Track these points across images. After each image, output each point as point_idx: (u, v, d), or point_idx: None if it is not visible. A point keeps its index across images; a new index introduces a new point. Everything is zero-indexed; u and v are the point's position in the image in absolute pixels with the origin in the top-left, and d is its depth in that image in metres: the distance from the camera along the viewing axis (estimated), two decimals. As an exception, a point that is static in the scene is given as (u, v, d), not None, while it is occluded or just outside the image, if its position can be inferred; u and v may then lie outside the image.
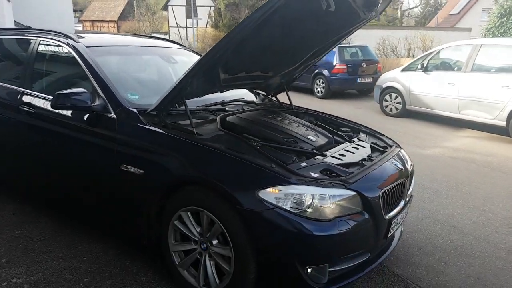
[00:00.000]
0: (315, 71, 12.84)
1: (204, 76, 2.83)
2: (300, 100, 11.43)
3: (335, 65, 12.56)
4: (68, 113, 3.10)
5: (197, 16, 32.62)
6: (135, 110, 2.85)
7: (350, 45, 14.60)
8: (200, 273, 2.55)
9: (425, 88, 9.05)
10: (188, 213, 2.55)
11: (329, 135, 3.23)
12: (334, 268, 2.37)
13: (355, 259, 2.47)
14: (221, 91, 3.33)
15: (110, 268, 2.92)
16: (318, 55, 3.74)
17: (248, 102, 3.80)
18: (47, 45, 3.61)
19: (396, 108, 9.76)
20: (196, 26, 31.67)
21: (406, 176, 2.85)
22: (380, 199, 2.47)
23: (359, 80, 12.72)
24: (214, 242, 2.47)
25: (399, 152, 3.17)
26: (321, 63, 12.81)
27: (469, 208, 4.37)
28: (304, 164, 2.55)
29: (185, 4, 37.89)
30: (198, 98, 3.19)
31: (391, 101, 9.86)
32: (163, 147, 2.67)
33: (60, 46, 3.45)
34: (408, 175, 2.91)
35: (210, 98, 3.38)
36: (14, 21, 14.52)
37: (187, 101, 2.90)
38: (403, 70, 9.78)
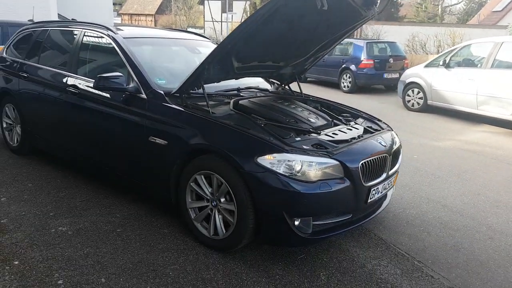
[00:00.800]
0: (342, 66, 13.19)
1: (219, 64, 3.38)
2: (326, 94, 11.85)
3: (362, 60, 12.82)
4: (106, 93, 3.71)
5: (232, 11, 33.23)
6: (161, 92, 3.43)
7: (379, 40, 14.86)
8: (211, 225, 3.11)
9: (446, 84, 9.29)
10: (202, 176, 3.10)
11: (328, 118, 3.71)
12: (317, 222, 2.88)
13: (337, 217, 2.98)
14: (236, 78, 3.87)
15: (138, 222, 3.52)
16: (326, 48, 4.21)
17: (262, 90, 4.31)
18: (90, 36, 4.24)
19: (418, 103, 10.03)
20: (230, 21, 32.28)
21: (388, 152, 3.30)
22: (360, 169, 2.96)
23: (385, 75, 12.96)
24: (222, 200, 3.02)
25: (388, 133, 3.63)
26: (348, 58, 13.19)
27: (464, 192, 4.75)
28: (298, 139, 3.07)
29: (221, -1, 38.53)
30: (217, 84, 3.74)
31: (413, 96, 10.13)
32: (183, 123, 3.23)
33: (102, 37, 4.07)
34: (391, 153, 3.36)
35: (228, 84, 3.93)
36: (58, 14, 15.49)
37: (207, 86, 3.47)
38: (426, 66, 10.04)
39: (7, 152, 5.16)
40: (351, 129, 3.51)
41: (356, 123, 3.76)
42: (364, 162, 3.01)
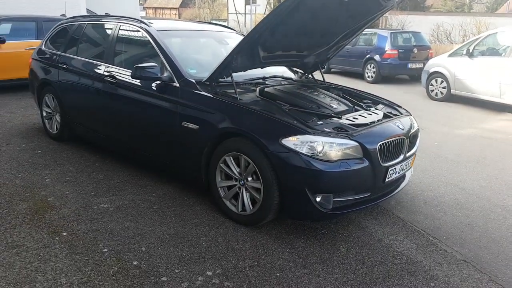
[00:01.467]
0: (367, 56, 13.26)
1: (246, 53, 3.63)
2: (350, 84, 11.78)
3: (386, 50, 12.86)
4: (142, 82, 4.00)
5: (255, 3, 33.30)
6: (193, 81, 3.70)
7: (403, 30, 14.83)
8: (239, 202, 3.38)
9: (469, 73, 9.32)
10: (231, 157, 3.37)
11: (350, 104, 3.92)
12: (338, 199, 3.12)
13: (356, 195, 3.21)
14: (262, 67, 4.11)
15: (172, 200, 3.82)
16: (348, 37, 4.40)
17: (286, 78, 4.55)
18: (126, 29, 4.54)
19: (441, 93, 10.08)
20: (254, 13, 32.39)
21: (406, 135, 3.50)
22: (378, 150, 3.17)
23: (410, 65, 12.97)
24: (249, 178, 3.29)
25: (407, 118, 3.82)
26: (372, 48, 13.25)
27: (482, 176, 4.90)
28: (320, 122, 3.30)
29: (245, -9, 38.63)
30: (243, 73, 3.99)
31: (437, 85, 10.18)
32: (213, 108, 3.50)
33: (136, 30, 4.37)
34: (409, 136, 3.55)
35: (254, 73, 4.17)
36: (86, 8, 15.96)
37: (234, 75, 3.73)
38: (449, 55, 10.07)
39: (47, 139, 5.54)
40: (371, 114, 3.72)
41: (377, 109, 3.95)
42: (382, 144, 3.23)
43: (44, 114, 5.62)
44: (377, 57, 13.00)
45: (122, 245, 3.06)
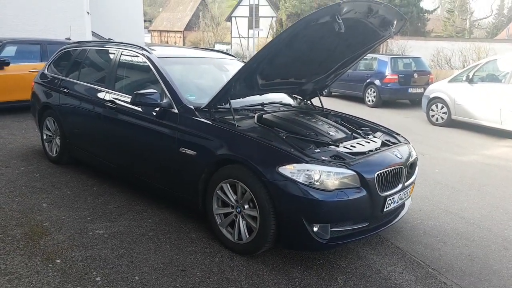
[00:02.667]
0: (367, 81, 13.35)
1: (245, 81, 3.65)
2: (350, 108, 12.02)
3: (387, 75, 12.96)
4: (141, 108, 4.02)
5: (258, 27, 33.80)
6: (192, 107, 3.71)
7: (403, 56, 14.96)
8: (235, 231, 3.35)
9: (469, 99, 9.35)
10: (227, 184, 3.35)
11: (348, 131, 3.92)
12: (335, 229, 3.08)
13: (354, 225, 3.17)
14: (260, 94, 4.13)
15: (168, 227, 3.78)
16: (346, 65, 4.44)
17: (285, 105, 4.56)
18: (127, 55, 4.58)
19: (442, 118, 10.09)
20: (257, 37, 32.85)
21: (404, 164, 3.48)
22: (376, 179, 3.15)
23: (410, 90, 13.04)
24: (246, 206, 3.26)
25: (405, 146, 3.81)
26: (373, 73, 13.36)
27: (483, 204, 4.85)
28: (317, 150, 3.29)
29: (248, 15, 39.32)
30: (242, 99, 4.01)
31: (437, 111, 10.20)
32: (211, 135, 3.50)
33: (137, 56, 4.41)
34: (407, 165, 3.53)
35: (253, 100, 4.19)
36: (92, 31, 16.20)
37: (233, 101, 3.74)
38: (449, 81, 10.12)
39: (46, 162, 5.54)
40: (369, 142, 3.71)
41: (375, 137, 3.95)
42: (380, 173, 3.20)
43: (45, 137, 5.63)
44: (377, 82, 13.08)
45: (115, 274, 3.01)
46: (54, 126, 5.38)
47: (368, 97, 13.44)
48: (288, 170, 3.02)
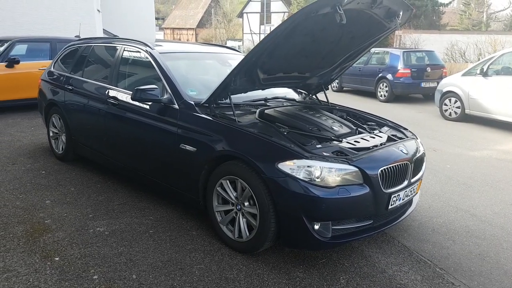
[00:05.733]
0: (379, 75, 13.15)
1: (245, 75, 3.57)
2: (362, 103, 11.87)
3: (399, 69, 12.74)
4: (143, 104, 3.97)
5: (270, 23, 33.64)
6: (192, 103, 3.64)
7: (416, 49, 14.70)
8: (235, 228, 3.27)
9: (484, 92, 9.12)
10: (227, 181, 3.28)
11: (352, 126, 3.81)
12: (337, 227, 2.98)
13: (358, 222, 3.07)
14: (262, 89, 4.04)
15: (169, 224, 3.73)
16: (352, 58, 4.32)
17: (289, 100, 4.46)
18: (130, 51, 4.54)
19: (455, 113, 9.87)
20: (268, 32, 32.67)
21: (410, 160, 3.36)
22: (379, 176, 3.04)
23: (423, 84, 12.81)
24: (246, 204, 3.18)
25: (412, 141, 3.68)
26: (385, 67, 13.14)
27: (495, 201, 4.70)
28: (319, 146, 3.19)
29: (260, 11, 39.17)
30: (245, 94, 3.93)
31: (450, 105, 9.98)
32: (211, 131, 3.42)
33: (140, 52, 4.35)
34: (413, 161, 3.41)
35: (256, 95, 4.11)
36: (103, 29, 16.27)
37: (235, 96, 3.67)
38: (463, 75, 9.88)
39: (53, 159, 5.54)
40: (374, 137, 3.60)
41: (381, 132, 3.83)
42: (384, 169, 3.09)
43: (51, 134, 5.64)
44: (389, 76, 12.88)
45: (113, 272, 2.97)
46: (60, 123, 5.37)
47: (380, 92, 13.24)
48: (287, 166, 2.93)
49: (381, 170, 3.07)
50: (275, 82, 4.04)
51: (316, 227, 2.92)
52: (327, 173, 2.91)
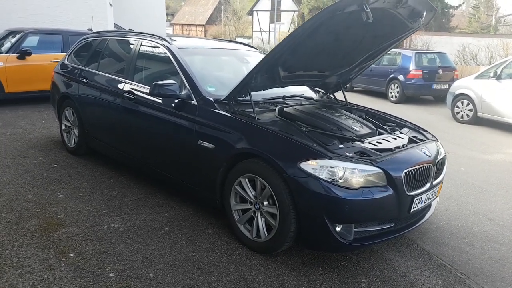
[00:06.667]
0: (390, 76, 13.05)
1: (266, 73, 3.50)
2: (373, 104, 11.76)
3: (411, 70, 12.64)
4: (160, 99, 3.91)
5: (280, 21, 33.52)
6: (211, 99, 3.58)
7: (428, 51, 14.57)
8: (253, 228, 3.22)
9: (497, 96, 9.02)
10: (246, 179, 3.22)
11: (373, 127, 3.74)
12: (359, 229, 2.92)
13: (380, 225, 3.01)
14: (282, 87, 3.97)
15: (185, 222, 3.68)
16: (372, 58, 4.24)
17: (307, 98, 4.40)
18: (147, 45, 4.48)
19: (467, 115, 9.77)
20: (278, 31, 32.59)
21: (433, 162, 3.29)
22: (403, 178, 2.97)
23: (434, 86, 12.70)
24: (265, 203, 3.12)
25: (433, 144, 3.61)
26: (396, 68, 13.04)
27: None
28: (341, 146, 3.13)
29: (270, 9, 39.03)
30: (263, 92, 3.86)
31: (462, 108, 9.88)
32: (230, 128, 3.36)
33: (157, 46, 4.30)
34: (435, 163, 3.34)
35: (274, 92, 4.04)
36: (114, 23, 16.22)
37: (254, 93, 3.60)
38: (476, 77, 9.79)
39: (64, 153, 5.50)
40: (395, 138, 3.53)
41: (401, 133, 3.76)
42: (408, 171, 3.03)
43: (63, 127, 5.59)
44: (401, 77, 12.77)
45: (129, 270, 2.92)
46: (73, 116, 5.32)
47: (391, 93, 13.14)
48: (310, 166, 2.86)
49: (405, 172, 3.00)
50: (295, 80, 3.98)
51: (338, 229, 2.86)
52: (350, 174, 2.85)
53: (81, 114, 5.11)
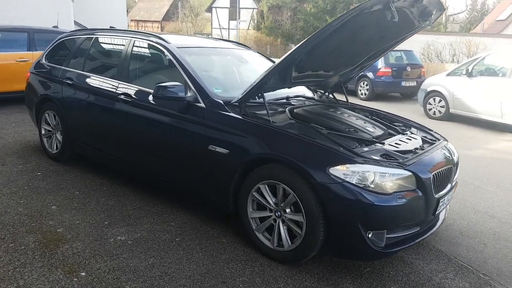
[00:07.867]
0: (360, 73, 13.17)
1: (281, 73, 3.36)
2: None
3: (380, 68, 12.84)
4: (161, 101, 3.67)
5: (239, 19, 33.33)
6: (220, 101, 3.40)
7: (395, 49, 14.86)
8: (274, 236, 3.07)
9: (469, 92, 9.28)
10: (266, 186, 3.07)
11: (384, 127, 3.68)
12: (390, 235, 2.84)
13: (408, 230, 2.94)
14: (289, 87, 3.84)
15: (195, 231, 3.49)
16: (374, 57, 4.20)
17: (309, 98, 4.30)
18: (141, 45, 4.22)
19: (440, 112, 10.01)
20: (238, 28, 32.42)
21: (452, 163, 3.27)
22: (431, 180, 2.92)
23: (403, 83, 12.98)
24: (288, 210, 2.99)
25: (447, 144, 3.60)
26: (365, 65, 13.18)
27: (508, 201, 4.72)
28: (366, 149, 3.04)
29: (229, 6, 38.80)
30: (267, 93, 3.71)
31: (435, 104, 10.12)
32: (245, 132, 3.20)
33: (153, 46, 4.06)
34: (455, 164, 3.33)
35: (278, 93, 3.90)
36: (74, 21, 15.53)
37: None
38: (448, 75, 10.04)
39: (46, 159, 5.14)
40: (410, 139, 3.49)
41: (412, 133, 3.73)
42: (436, 173, 2.99)
43: (43, 132, 5.22)
44: (370, 75, 12.96)
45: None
46: (55, 120, 4.97)
47: (360, 90, 13.32)
48: (340, 171, 2.76)
49: (433, 174, 2.95)
50: (302, 80, 3.87)
51: (370, 235, 2.77)
52: (381, 178, 2.76)
53: (66, 117, 4.77)
